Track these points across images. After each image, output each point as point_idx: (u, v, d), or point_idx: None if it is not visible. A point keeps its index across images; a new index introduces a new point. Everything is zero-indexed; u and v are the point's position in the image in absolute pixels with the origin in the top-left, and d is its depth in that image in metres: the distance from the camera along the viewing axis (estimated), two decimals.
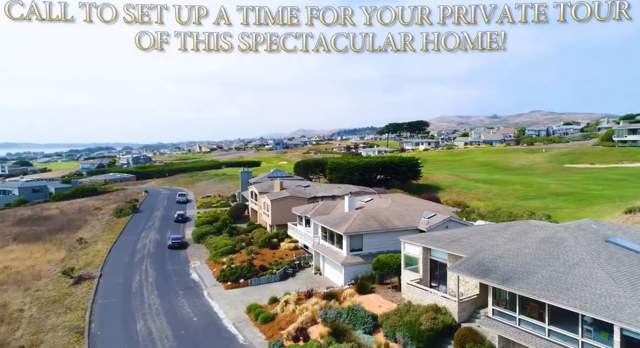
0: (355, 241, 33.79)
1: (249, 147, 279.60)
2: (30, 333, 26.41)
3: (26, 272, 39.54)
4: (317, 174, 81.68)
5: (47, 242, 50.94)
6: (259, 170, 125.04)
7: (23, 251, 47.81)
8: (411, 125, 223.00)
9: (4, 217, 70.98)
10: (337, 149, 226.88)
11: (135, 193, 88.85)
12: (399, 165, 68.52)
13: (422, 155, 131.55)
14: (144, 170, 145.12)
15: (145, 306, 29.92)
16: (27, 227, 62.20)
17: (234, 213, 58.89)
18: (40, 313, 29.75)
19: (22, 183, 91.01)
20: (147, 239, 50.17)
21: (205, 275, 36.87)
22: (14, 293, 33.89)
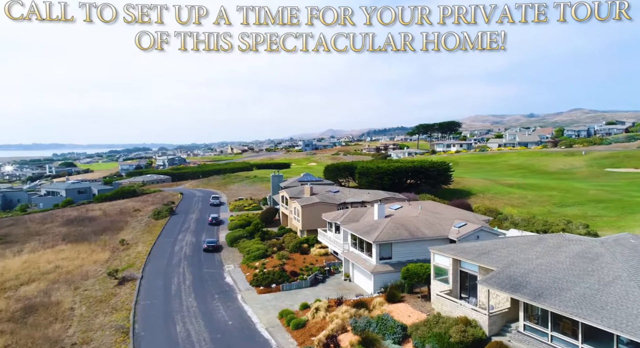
0: (385, 249, 34.18)
1: (279, 149, 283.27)
2: (81, 331, 28.55)
3: (75, 272, 42.40)
4: (346, 178, 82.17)
5: (93, 243, 54.18)
6: (289, 172, 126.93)
7: (71, 251, 51.12)
8: (442, 126, 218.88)
9: (53, 217, 75.77)
10: (367, 150, 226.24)
11: (171, 195, 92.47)
12: (429, 170, 67.97)
13: (454, 158, 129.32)
14: (179, 172, 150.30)
15: (183, 308, 31.57)
16: (74, 227, 66.22)
17: (265, 217, 60.39)
18: (89, 312, 32.01)
19: (68, 185, 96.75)
20: (184, 242, 52.41)
21: (239, 279, 38.29)
22: (65, 292, 36.53)
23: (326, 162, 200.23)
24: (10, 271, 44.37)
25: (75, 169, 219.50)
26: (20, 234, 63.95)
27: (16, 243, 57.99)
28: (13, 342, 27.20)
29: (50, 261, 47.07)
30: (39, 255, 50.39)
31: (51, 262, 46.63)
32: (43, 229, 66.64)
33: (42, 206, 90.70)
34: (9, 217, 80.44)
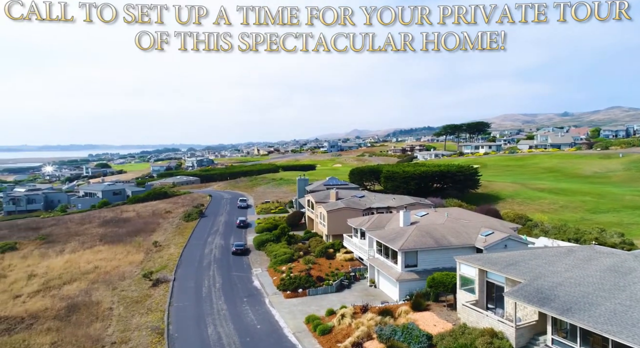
0: (410, 257, 34.36)
1: (304, 150, 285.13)
2: (119, 331, 30.26)
3: (112, 272, 44.68)
4: (372, 182, 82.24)
5: (128, 244, 56.73)
6: (314, 174, 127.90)
7: (108, 252, 53.76)
8: (470, 127, 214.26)
9: (91, 218, 79.59)
10: (392, 151, 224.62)
11: (200, 197, 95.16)
12: (456, 174, 67.19)
13: (482, 160, 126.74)
14: (207, 173, 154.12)
15: (214, 311, 32.85)
16: (110, 228, 69.41)
17: (292, 220, 61.43)
18: (126, 312, 33.80)
19: (104, 187, 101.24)
20: (213, 244, 54.12)
21: (266, 283, 39.35)
22: (104, 292, 38.64)
23: (351, 163, 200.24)
24: (53, 270, 47.20)
25: (110, 169, 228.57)
26: (61, 234, 67.60)
27: (58, 243, 61.39)
28: (59, 339, 29.16)
29: (90, 261, 49.73)
30: (79, 255, 53.26)
31: (90, 262, 49.27)
32: (82, 230, 70.18)
33: (81, 207, 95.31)
34: (51, 217, 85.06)
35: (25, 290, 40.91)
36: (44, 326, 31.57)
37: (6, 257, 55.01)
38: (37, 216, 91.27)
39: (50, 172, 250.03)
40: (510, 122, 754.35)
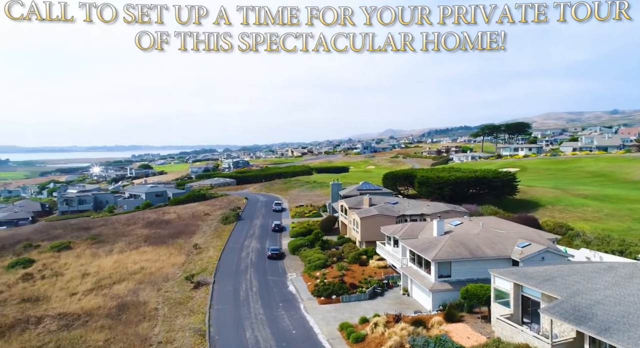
0: (444, 267, 34.43)
1: (337, 151, 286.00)
2: (164, 331, 32.36)
3: (157, 274, 47.44)
4: (405, 186, 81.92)
5: (170, 246, 59.80)
6: (347, 177, 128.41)
7: (152, 253, 56.94)
8: (510, 127, 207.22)
9: (136, 219, 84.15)
10: (427, 153, 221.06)
11: (237, 199, 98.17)
12: (492, 180, 65.76)
13: (521, 163, 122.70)
14: (243, 175, 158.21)
15: (252, 315, 34.37)
16: (153, 229, 73.21)
17: (325, 225, 62.45)
18: (171, 313, 35.99)
19: (147, 189, 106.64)
20: (250, 248, 56.07)
21: (301, 288, 40.53)
22: (149, 292, 41.22)
23: (385, 165, 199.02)
24: (104, 270, 50.68)
25: (152, 170, 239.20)
26: (109, 234, 72.06)
27: (107, 243, 65.56)
28: (112, 336, 31.61)
29: (136, 262, 52.93)
30: (126, 255, 56.77)
31: (137, 263, 52.44)
32: (128, 230, 74.44)
33: (126, 208, 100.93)
34: (100, 218, 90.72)
35: (80, 289, 44.29)
36: (97, 323, 34.25)
37: (62, 256, 59.47)
38: (88, 216, 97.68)
39: (98, 173, 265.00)
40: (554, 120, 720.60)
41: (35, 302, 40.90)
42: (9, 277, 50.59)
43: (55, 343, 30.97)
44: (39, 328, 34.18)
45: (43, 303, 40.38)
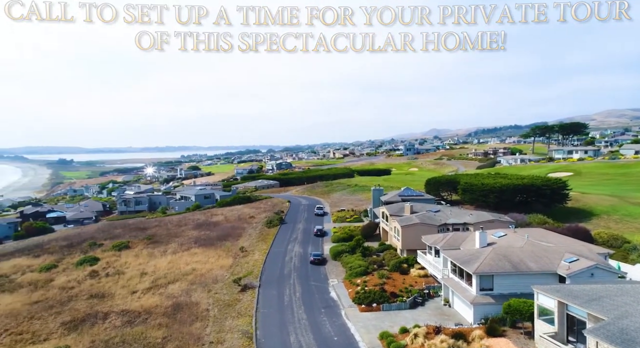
0: (486, 281, 34.30)
1: (380, 153, 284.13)
2: (215, 332, 34.80)
3: (207, 275, 50.53)
4: (448, 192, 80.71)
5: (218, 248, 63.16)
6: (390, 180, 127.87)
7: (202, 255, 60.46)
8: (564, 128, 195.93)
9: (186, 220, 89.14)
10: (473, 155, 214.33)
11: (280, 202, 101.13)
12: (541, 188, 63.34)
13: (576, 167, 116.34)
14: (286, 177, 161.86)
15: (295, 320, 36.07)
16: (203, 231, 77.35)
17: (366, 231, 63.23)
18: (220, 314, 38.49)
19: (197, 191, 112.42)
20: (293, 253, 58.07)
21: (342, 294, 41.73)
22: (201, 293, 44.15)
23: (428, 167, 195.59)
24: (159, 270, 54.63)
25: (200, 171, 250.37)
26: (163, 235, 77.00)
27: (161, 244, 70.22)
28: (168, 334, 34.47)
29: (188, 263, 56.53)
30: (178, 256, 60.69)
31: (188, 264, 56.02)
32: (179, 231, 79.13)
33: (177, 209, 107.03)
34: (154, 219, 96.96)
35: (139, 287, 48.19)
36: (156, 321, 37.39)
37: (122, 255, 64.56)
38: (143, 216, 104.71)
39: (151, 174, 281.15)
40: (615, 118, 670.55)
41: (102, 299, 45.12)
42: (78, 274, 55.88)
43: (120, 338, 34.28)
44: (105, 323, 37.89)
45: (108, 300, 44.47)
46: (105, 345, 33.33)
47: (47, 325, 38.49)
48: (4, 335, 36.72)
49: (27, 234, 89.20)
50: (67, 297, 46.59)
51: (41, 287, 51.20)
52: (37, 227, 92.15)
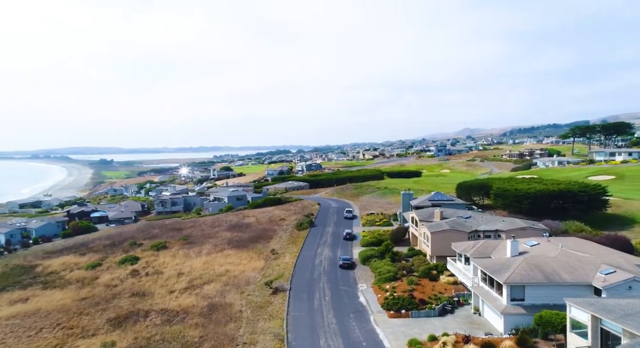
0: (517, 291, 33.99)
1: (410, 154, 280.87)
2: (248, 333, 36.32)
3: (240, 277, 52.41)
4: (480, 196, 79.33)
5: (250, 250, 65.15)
6: (420, 183, 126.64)
7: (235, 256, 62.60)
8: (606, 128, 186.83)
9: (220, 221, 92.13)
10: (508, 156, 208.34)
11: (310, 205, 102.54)
12: (578, 194, 61.19)
13: (619, 170, 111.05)
14: (316, 179, 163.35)
15: (325, 324, 37.04)
16: (235, 232, 79.82)
17: (396, 236, 63.37)
18: (253, 316, 40.05)
19: (229, 193, 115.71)
20: (322, 256, 59.11)
21: (371, 300, 42.34)
22: (234, 295, 45.98)
23: (460, 169, 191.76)
24: (195, 270, 57.13)
25: (232, 172, 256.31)
26: (198, 236, 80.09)
27: (196, 244, 73.15)
28: (205, 334, 36.31)
29: (221, 264, 58.77)
30: (213, 257, 63.13)
31: (222, 265, 58.24)
32: (213, 232, 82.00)
33: (211, 210, 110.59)
34: (189, 219, 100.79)
35: (176, 287, 50.71)
36: (193, 321, 39.41)
37: (160, 255, 67.84)
38: (179, 217, 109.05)
39: (185, 174, 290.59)
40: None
41: (142, 297, 47.86)
42: (121, 272, 59.35)
43: (160, 336, 36.44)
44: (147, 321, 40.31)
45: (148, 299, 47.12)
46: (147, 342, 35.53)
47: (94, 321, 41.37)
48: (57, 329, 39.83)
49: (73, 233, 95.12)
50: (111, 295, 49.74)
51: (88, 285, 54.89)
52: (82, 226, 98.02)
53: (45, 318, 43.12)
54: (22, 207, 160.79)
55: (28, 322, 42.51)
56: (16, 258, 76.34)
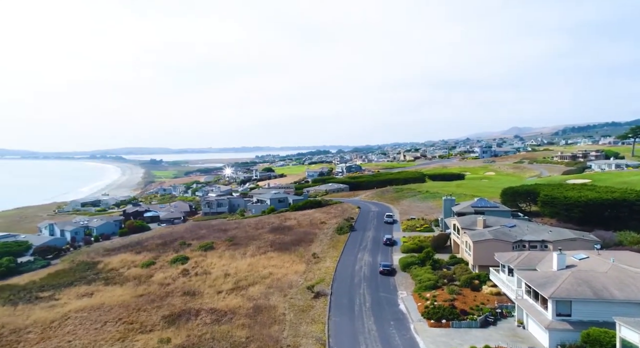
0: (563, 306, 33.27)
1: (453, 155, 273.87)
2: (291, 336, 37.97)
3: (282, 280, 54.41)
4: (527, 203, 76.66)
5: (292, 253, 67.15)
6: (463, 186, 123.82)
7: (278, 259, 64.82)
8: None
9: (263, 223, 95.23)
10: (559, 158, 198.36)
11: (350, 208, 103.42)
12: (635, 203, 57.79)
13: None
14: (355, 181, 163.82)
15: (365, 330, 37.96)
16: (277, 235, 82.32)
17: (437, 243, 62.93)
18: (296, 319, 41.70)
19: (272, 195, 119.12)
20: (362, 261, 59.91)
21: (411, 308, 42.72)
22: (277, 297, 47.93)
23: (506, 171, 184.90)
24: (240, 272, 59.86)
25: (273, 173, 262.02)
26: (242, 237, 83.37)
27: (241, 246, 76.23)
28: (251, 335, 38.38)
29: (265, 266, 61.14)
30: (257, 259, 65.71)
31: (265, 268, 60.58)
32: (257, 234, 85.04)
33: (254, 212, 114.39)
34: (233, 221, 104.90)
35: (223, 287, 53.51)
36: (239, 321, 41.69)
37: (208, 255, 71.48)
38: (224, 218, 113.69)
39: (229, 175, 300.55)
40: None
41: (193, 296, 51.01)
42: (172, 271, 63.35)
43: (210, 335, 38.94)
44: (197, 320, 43.10)
45: (198, 298, 50.18)
46: (199, 340, 38.12)
47: (150, 317, 44.81)
48: (119, 324, 43.58)
49: (129, 231, 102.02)
50: (164, 293, 53.39)
51: (143, 282, 59.13)
52: (137, 226, 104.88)
53: (108, 312, 47.22)
54: (84, 205, 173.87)
55: (94, 315, 46.78)
56: (80, 254, 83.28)
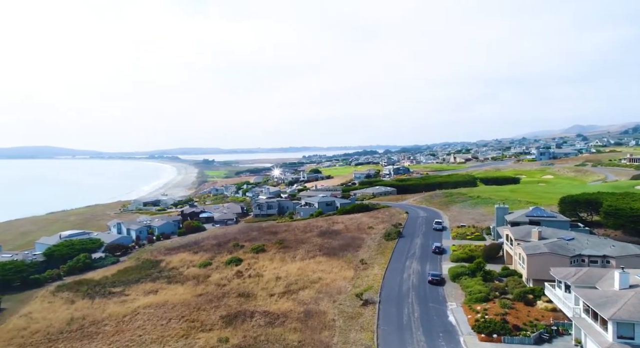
0: (625, 328, 31.88)
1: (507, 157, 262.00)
2: (341, 342, 39.36)
3: (331, 285, 55.97)
4: (589, 212, 72.55)
5: (340, 258, 68.53)
6: (518, 191, 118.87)
7: (326, 264, 66.50)
8: None
9: (311, 227, 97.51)
10: (628, 161, 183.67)
11: (398, 213, 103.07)
12: None
13: None
14: (403, 184, 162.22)
15: (414, 341, 38.50)
16: (326, 239, 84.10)
17: (488, 253, 61.56)
18: (345, 325, 43.05)
19: (320, 199, 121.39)
20: (411, 270, 60.02)
21: (461, 320, 42.55)
22: (327, 303, 49.54)
23: (566, 175, 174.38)
24: (290, 275, 62.22)
25: (320, 175, 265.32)
26: (291, 241, 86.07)
27: (290, 249, 78.85)
28: (302, 339, 40.26)
29: (314, 271, 63.04)
30: (306, 263, 67.84)
31: (315, 272, 62.47)
32: (305, 238, 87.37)
33: (302, 215, 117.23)
34: (283, 223, 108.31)
35: (275, 290, 56.05)
36: (291, 325, 43.76)
37: (260, 257, 74.77)
38: (274, 220, 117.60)
39: (277, 175, 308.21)
40: None
41: (247, 298, 53.98)
42: (227, 272, 67.10)
43: (265, 337, 41.32)
44: (252, 321, 45.75)
45: (252, 300, 53.04)
46: (254, 341, 40.60)
47: (209, 317, 48.17)
48: (181, 321, 47.32)
49: (186, 231, 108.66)
50: (221, 293, 56.90)
51: (202, 282, 63.26)
52: (193, 226, 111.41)
53: (172, 310, 51.31)
54: (145, 205, 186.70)
55: (159, 312, 51.06)
56: (144, 253, 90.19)
